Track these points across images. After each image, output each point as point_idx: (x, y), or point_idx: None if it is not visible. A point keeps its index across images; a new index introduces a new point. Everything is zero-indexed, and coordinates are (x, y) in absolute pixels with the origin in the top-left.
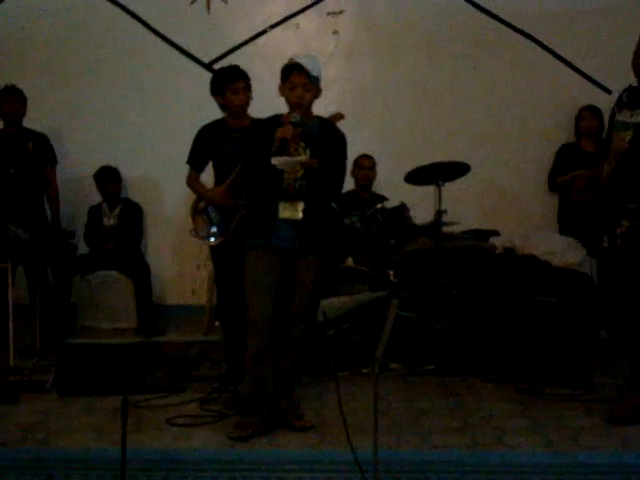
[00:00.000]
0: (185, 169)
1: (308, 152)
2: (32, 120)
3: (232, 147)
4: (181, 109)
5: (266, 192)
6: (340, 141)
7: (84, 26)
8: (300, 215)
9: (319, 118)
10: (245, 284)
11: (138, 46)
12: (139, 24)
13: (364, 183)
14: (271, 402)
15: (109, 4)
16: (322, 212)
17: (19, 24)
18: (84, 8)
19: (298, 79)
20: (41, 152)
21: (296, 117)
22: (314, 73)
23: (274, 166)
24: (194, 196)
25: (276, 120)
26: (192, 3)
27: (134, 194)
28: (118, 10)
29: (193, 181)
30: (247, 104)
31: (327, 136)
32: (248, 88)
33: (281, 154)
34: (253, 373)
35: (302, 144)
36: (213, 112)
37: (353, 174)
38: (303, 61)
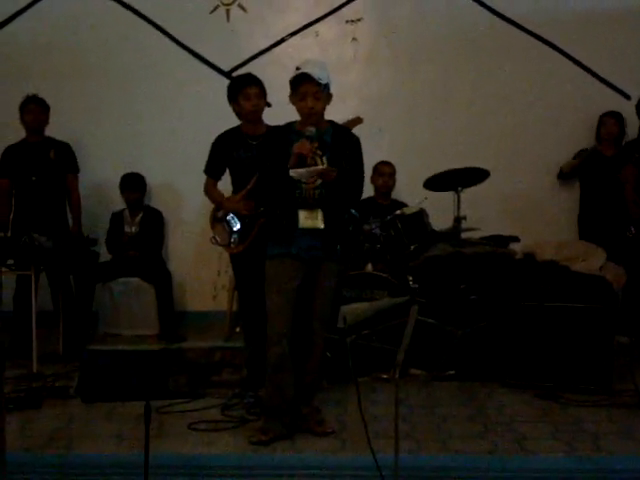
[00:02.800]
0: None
1: (325, 160)
2: (54, 129)
3: (249, 154)
4: (202, 117)
5: (285, 202)
6: (355, 145)
7: (105, 35)
8: (321, 224)
9: (332, 124)
10: (266, 292)
11: (159, 55)
12: (160, 33)
13: (384, 190)
14: (292, 409)
15: (130, 14)
16: (343, 219)
17: (41, 34)
18: (106, 18)
19: (308, 89)
20: (63, 160)
21: (312, 131)
22: (323, 81)
23: (291, 177)
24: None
25: (290, 128)
26: (212, 12)
27: (155, 201)
28: (139, 19)
29: (211, 189)
30: (261, 110)
31: (342, 142)
32: (261, 95)
33: (299, 167)
34: (274, 381)
35: (319, 152)
36: (234, 120)
37: (372, 181)
38: (311, 70)
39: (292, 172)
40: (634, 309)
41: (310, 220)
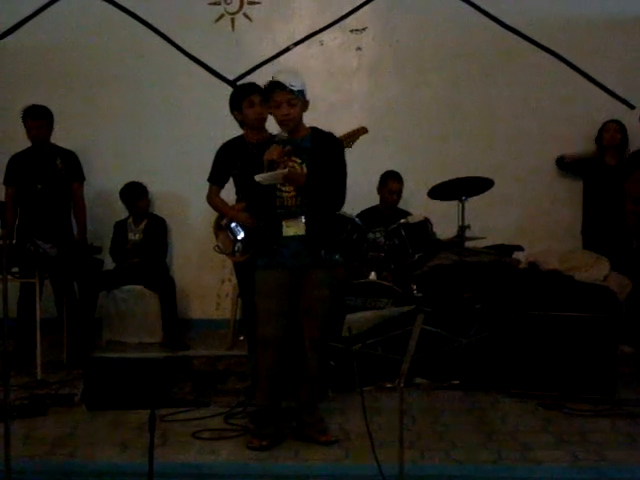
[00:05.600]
0: None
1: (304, 167)
2: (59, 137)
3: (252, 163)
4: (207, 125)
5: (267, 212)
6: (336, 149)
7: (110, 44)
8: (302, 230)
9: (313, 130)
10: (255, 300)
11: (164, 63)
12: (166, 42)
13: (390, 206)
14: (282, 414)
15: (136, 22)
16: (327, 223)
17: (48, 42)
18: (111, 26)
19: (281, 96)
20: (69, 169)
21: (283, 136)
22: (296, 87)
23: (270, 187)
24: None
25: (272, 140)
26: (217, 21)
27: (159, 209)
28: (145, 28)
29: (214, 198)
30: (264, 119)
31: (321, 147)
32: (265, 103)
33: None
34: (265, 386)
35: (297, 160)
36: (239, 128)
37: (380, 192)
38: (282, 78)
39: (256, 177)
40: (638, 319)
41: (292, 228)
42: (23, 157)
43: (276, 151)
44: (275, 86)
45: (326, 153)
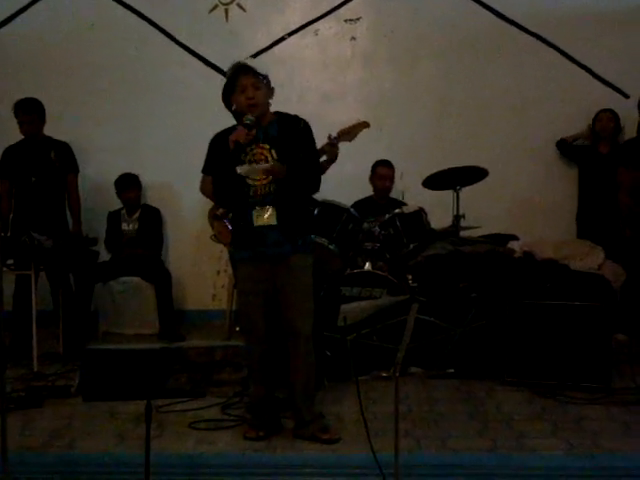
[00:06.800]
0: None
1: (274, 152)
2: (54, 129)
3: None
4: (201, 116)
5: (238, 203)
6: (304, 131)
7: (104, 35)
8: (274, 220)
9: (278, 115)
10: (238, 295)
11: (158, 54)
12: (160, 33)
13: (383, 194)
14: (278, 406)
15: (131, 14)
16: (301, 209)
17: (44, 35)
18: (105, 18)
19: (246, 80)
20: (63, 160)
21: (250, 119)
22: (261, 71)
23: (240, 176)
24: (212, 203)
25: (233, 131)
26: (211, 11)
27: (154, 201)
28: (138, 19)
29: (208, 187)
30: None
31: (289, 132)
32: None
33: (238, 157)
34: (258, 379)
35: (266, 146)
36: (233, 119)
37: (372, 181)
38: (247, 61)
39: (239, 169)
40: (632, 307)
41: (262, 218)
42: (17, 150)
43: (242, 132)
44: (239, 70)
45: (294, 137)
